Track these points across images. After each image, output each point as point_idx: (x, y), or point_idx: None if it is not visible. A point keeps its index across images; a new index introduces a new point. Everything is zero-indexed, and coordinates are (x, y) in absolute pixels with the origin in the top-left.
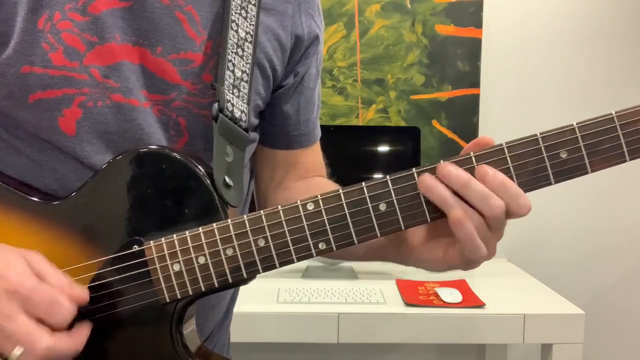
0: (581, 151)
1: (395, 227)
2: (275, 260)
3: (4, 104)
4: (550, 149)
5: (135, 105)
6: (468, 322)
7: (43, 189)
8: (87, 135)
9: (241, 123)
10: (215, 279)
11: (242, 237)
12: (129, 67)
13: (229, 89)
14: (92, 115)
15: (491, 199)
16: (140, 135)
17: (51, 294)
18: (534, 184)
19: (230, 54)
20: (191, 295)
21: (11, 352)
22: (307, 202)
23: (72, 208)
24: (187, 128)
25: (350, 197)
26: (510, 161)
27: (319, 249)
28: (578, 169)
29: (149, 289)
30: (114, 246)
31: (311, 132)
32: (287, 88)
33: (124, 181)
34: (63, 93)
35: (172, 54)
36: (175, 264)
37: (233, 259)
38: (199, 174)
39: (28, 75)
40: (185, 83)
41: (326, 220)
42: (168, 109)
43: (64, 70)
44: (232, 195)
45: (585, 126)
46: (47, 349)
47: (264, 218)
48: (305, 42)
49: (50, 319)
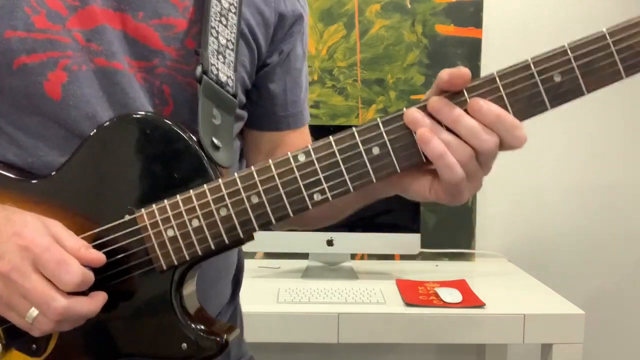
0: (575, 72)
1: (390, 170)
2: (271, 216)
3: None
4: (542, 73)
5: (119, 68)
6: (468, 322)
7: (27, 168)
8: (73, 99)
9: (228, 88)
10: (211, 240)
11: (234, 195)
12: (111, 32)
13: (213, 54)
14: (77, 79)
15: (482, 134)
16: (125, 100)
17: (61, 255)
18: (529, 111)
19: (214, 22)
20: (188, 260)
21: (26, 311)
22: (297, 154)
23: (61, 182)
24: (172, 96)
25: (342, 144)
26: (502, 89)
27: (314, 200)
28: (574, 91)
29: (145, 257)
30: (107, 216)
31: (299, 114)
32: (272, 66)
33: (110, 150)
34: (47, 57)
35: (154, 19)
36: (169, 230)
37: (227, 219)
38: (185, 136)
39: (11, 40)
40: (167, 49)
41: (319, 169)
42: (152, 76)
43: (48, 34)
44: (221, 156)
45: (577, 46)
46: (64, 309)
47: (255, 174)
48: (289, 20)
49: (57, 280)
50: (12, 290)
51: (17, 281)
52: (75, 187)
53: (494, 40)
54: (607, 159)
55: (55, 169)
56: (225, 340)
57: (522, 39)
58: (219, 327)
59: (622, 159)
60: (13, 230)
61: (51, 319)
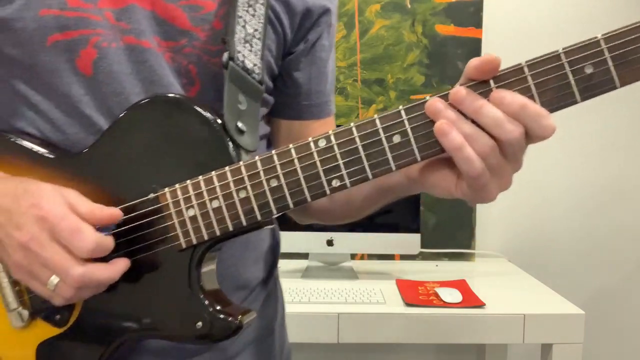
0: (607, 64)
1: (410, 159)
2: (289, 200)
3: (24, 50)
4: (574, 64)
5: (147, 47)
6: (468, 322)
7: (58, 144)
8: (103, 75)
9: (254, 75)
10: (229, 222)
11: (254, 178)
12: (141, 12)
13: (240, 42)
14: (107, 56)
15: (506, 124)
16: (153, 77)
17: (75, 223)
18: (558, 102)
19: (241, 11)
20: (206, 240)
21: (47, 279)
22: (318, 139)
23: (92, 159)
24: (199, 75)
25: (363, 130)
26: (531, 79)
27: (332, 186)
28: (606, 84)
29: (166, 235)
30: (132, 194)
31: (323, 105)
32: (297, 55)
33: (139, 130)
34: (79, 34)
35: (182, 0)
36: (190, 209)
37: (246, 201)
38: (211, 119)
39: (45, 18)
40: (195, 29)
41: (338, 155)
42: (179, 55)
43: (79, 12)
44: (246, 140)
45: (612, 37)
46: (81, 276)
47: (275, 157)
48: (315, 13)
49: (72, 247)
50: (32, 260)
51: (36, 251)
52: (105, 164)
53: (494, 40)
54: (607, 159)
55: (83, 146)
56: (240, 322)
57: (522, 39)
58: (235, 309)
59: (623, 158)
60: (31, 202)
61: (70, 285)
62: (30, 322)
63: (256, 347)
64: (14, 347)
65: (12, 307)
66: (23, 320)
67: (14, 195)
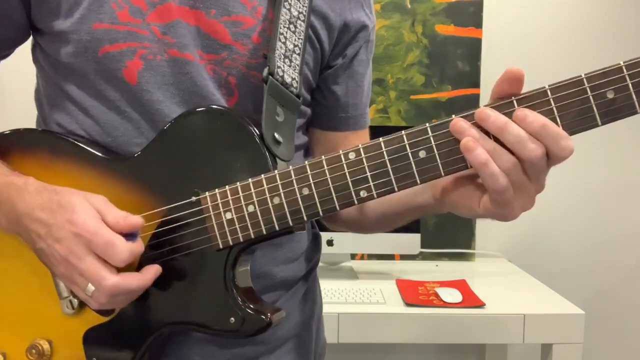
0: (629, 89)
1: (435, 174)
2: (319, 208)
3: (77, 59)
4: (595, 89)
5: (190, 59)
6: (468, 322)
7: (106, 146)
8: (147, 85)
9: (292, 89)
10: (263, 226)
11: (287, 186)
12: (185, 27)
13: (280, 58)
14: (152, 67)
15: (528, 142)
16: (193, 88)
17: (108, 237)
18: (579, 126)
19: (282, 28)
20: (242, 241)
21: (85, 287)
22: (348, 152)
23: (139, 164)
24: (237, 87)
25: (390, 145)
26: (553, 103)
27: (360, 197)
28: (627, 109)
29: (204, 236)
30: (176, 197)
31: (359, 117)
32: (336, 69)
33: (184, 137)
34: (127, 46)
35: (224, 16)
36: (227, 212)
37: (279, 207)
38: (250, 130)
39: (97, 31)
40: (235, 44)
41: (367, 167)
42: (220, 67)
43: (129, 26)
44: (282, 150)
45: (633, 64)
46: (113, 285)
47: (307, 168)
48: (353, 29)
49: (109, 258)
50: (72, 270)
51: (74, 263)
52: (153, 168)
53: (494, 40)
54: (608, 159)
55: (128, 148)
56: (270, 320)
57: (522, 39)
58: (266, 307)
59: (623, 159)
60: (65, 218)
61: (104, 294)
62: (80, 310)
63: (294, 342)
64: (64, 332)
65: (63, 295)
66: (73, 308)
67: (50, 209)
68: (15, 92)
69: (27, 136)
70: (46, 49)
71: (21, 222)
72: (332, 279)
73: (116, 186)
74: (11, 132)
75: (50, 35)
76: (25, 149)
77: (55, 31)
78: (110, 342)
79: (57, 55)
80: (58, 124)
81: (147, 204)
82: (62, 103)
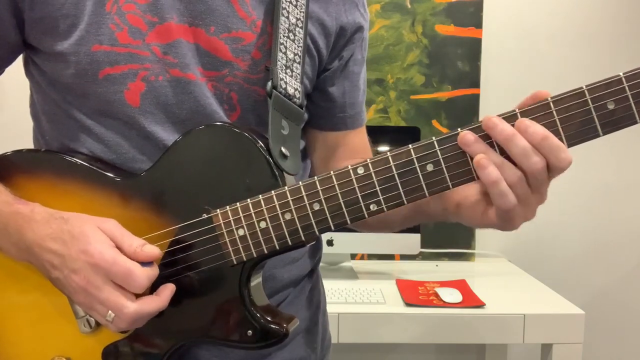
0: (629, 101)
1: (443, 187)
2: (330, 222)
3: (77, 80)
4: (596, 100)
5: (192, 79)
6: (468, 322)
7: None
8: (150, 107)
9: (295, 100)
10: (275, 241)
11: (298, 202)
12: (186, 45)
13: (281, 69)
14: (154, 89)
15: (532, 156)
16: (197, 107)
17: (126, 266)
18: (581, 136)
19: (282, 38)
20: (255, 257)
21: (105, 314)
22: (357, 167)
23: (147, 183)
24: (239, 102)
25: (399, 160)
26: (556, 115)
27: (370, 210)
28: (627, 119)
29: (218, 253)
30: (186, 215)
31: (356, 115)
32: (332, 71)
33: (192, 155)
34: (128, 68)
35: (224, 33)
36: (240, 229)
37: (291, 223)
38: (257, 145)
39: (98, 53)
40: (236, 60)
41: (376, 182)
42: (221, 84)
43: (129, 48)
44: (289, 164)
45: (633, 75)
46: (134, 312)
47: (317, 184)
48: (349, 30)
49: (129, 287)
50: (91, 299)
51: (93, 293)
52: (161, 186)
53: (494, 40)
54: (607, 159)
55: (134, 165)
56: (286, 330)
57: (522, 39)
58: (282, 317)
59: (623, 159)
60: (79, 248)
61: (125, 321)
62: (97, 329)
63: (303, 337)
64: (83, 350)
65: (80, 314)
66: (90, 327)
67: (62, 240)
68: (16, 92)
69: (30, 157)
70: (42, 67)
71: (32, 251)
72: (332, 279)
73: (125, 206)
74: (13, 153)
75: (46, 54)
76: (29, 170)
77: (52, 51)
78: (129, 357)
79: (54, 75)
80: (59, 142)
81: (157, 223)
82: (62, 120)
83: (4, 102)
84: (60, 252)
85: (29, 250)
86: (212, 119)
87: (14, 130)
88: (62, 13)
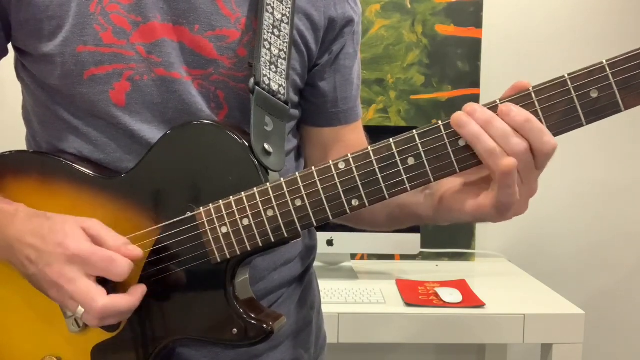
0: (612, 88)
1: (424, 180)
2: (312, 218)
3: (64, 82)
4: (579, 89)
5: (177, 78)
6: (468, 322)
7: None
8: (136, 106)
9: (279, 96)
10: (258, 238)
11: (280, 198)
12: (170, 44)
13: (265, 65)
14: (139, 88)
15: (512, 137)
16: (182, 106)
17: (108, 253)
18: (564, 126)
19: (266, 34)
20: (239, 254)
21: (75, 310)
22: (338, 162)
23: (131, 182)
24: (226, 100)
25: (379, 154)
26: (538, 105)
27: (352, 206)
28: (611, 107)
29: (202, 251)
30: (169, 214)
31: (350, 110)
32: (322, 66)
33: (175, 154)
34: (113, 68)
35: (208, 31)
36: (223, 227)
37: (274, 219)
38: (239, 142)
39: (82, 54)
40: (221, 58)
41: (357, 177)
42: (207, 82)
43: (114, 48)
44: (272, 161)
45: (616, 62)
46: (104, 307)
47: (299, 179)
48: (339, 24)
49: (110, 274)
50: (63, 294)
51: (64, 286)
52: (144, 186)
53: (494, 40)
54: (607, 159)
55: (121, 165)
56: (272, 328)
57: (522, 39)
58: (268, 315)
59: (622, 158)
60: (56, 241)
61: (94, 316)
62: (85, 328)
63: (297, 337)
64: (73, 350)
65: (68, 314)
66: (79, 326)
67: (40, 235)
68: (16, 92)
69: (19, 158)
70: (31, 69)
71: (12, 248)
72: (332, 279)
73: (109, 205)
74: (1, 155)
75: (33, 56)
76: (17, 171)
77: (39, 54)
78: (118, 356)
79: (42, 77)
80: (48, 143)
81: (141, 222)
82: (52, 121)
83: (4, 102)
84: (37, 246)
85: (10, 247)
86: (198, 118)
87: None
88: (47, 15)
